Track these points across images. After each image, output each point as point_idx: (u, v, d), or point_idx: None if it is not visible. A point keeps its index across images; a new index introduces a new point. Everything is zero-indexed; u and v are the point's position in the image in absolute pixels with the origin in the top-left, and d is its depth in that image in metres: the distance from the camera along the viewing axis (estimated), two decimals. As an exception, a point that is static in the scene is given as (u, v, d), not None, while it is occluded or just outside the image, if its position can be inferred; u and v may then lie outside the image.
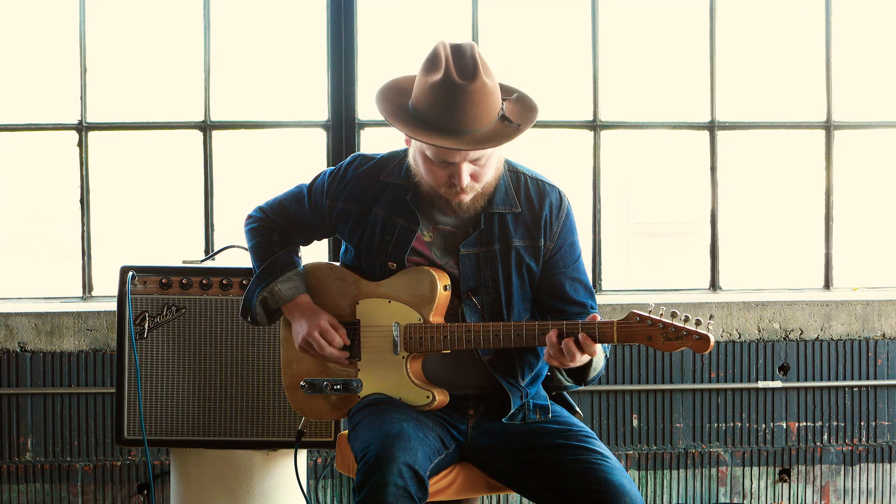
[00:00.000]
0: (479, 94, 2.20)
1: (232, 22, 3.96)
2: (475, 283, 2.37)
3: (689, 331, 2.11)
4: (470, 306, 2.37)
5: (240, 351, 3.00)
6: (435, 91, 2.21)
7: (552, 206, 2.40)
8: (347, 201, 2.46)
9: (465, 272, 2.37)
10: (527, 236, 2.38)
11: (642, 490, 3.72)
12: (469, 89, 2.19)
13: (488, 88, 2.22)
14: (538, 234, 2.38)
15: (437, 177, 2.29)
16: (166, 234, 10.86)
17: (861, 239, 6.95)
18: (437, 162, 2.27)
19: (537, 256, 2.39)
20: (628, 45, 4.38)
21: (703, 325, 2.12)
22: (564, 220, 2.42)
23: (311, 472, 3.62)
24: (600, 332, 2.17)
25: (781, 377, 3.76)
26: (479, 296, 2.37)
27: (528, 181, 2.42)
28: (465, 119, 2.20)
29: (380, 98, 2.32)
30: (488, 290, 2.37)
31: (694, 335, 2.11)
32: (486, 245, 2.37)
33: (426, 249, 2.40)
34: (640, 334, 2.15)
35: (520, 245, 2.38)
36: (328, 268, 2.55)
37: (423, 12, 4.11)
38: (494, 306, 2.38)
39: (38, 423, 3.59)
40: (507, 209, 2.38)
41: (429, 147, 2.24)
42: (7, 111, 4.00)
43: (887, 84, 4.20)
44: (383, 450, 2.13)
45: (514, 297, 2.38)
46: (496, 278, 2.37)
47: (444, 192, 2.30)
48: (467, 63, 2.21)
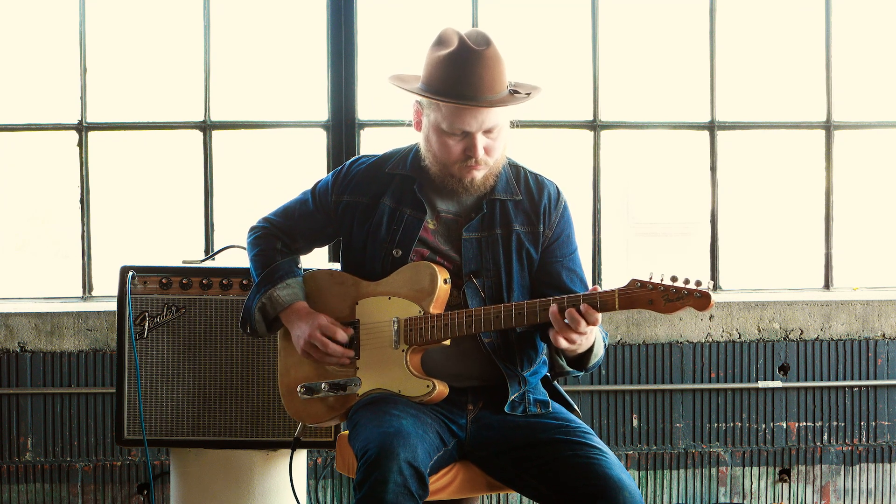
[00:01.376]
0: (494, 60, 2.30)
1: (232, 22, 3.96)
2: (477, 267, 2.41)
3: (689, 290, 2.13)
4: (471, 289, 2.39)
5: (240, 351, 3.00)
6: (451, 60, 2.30)
7: (550, 197, 2.47)
8: (353, 194, 2.50)
9: (467, 255, 2.40)
10: (527, 222, 2.44)
11: (642, 490, 3.72)
12: (485, 54, 2.29)
13: (501, 57, 2.33)
14: (537, 220, 2.44)
15: (452, 151, 2.34)
16: (166, 234, 10.86)
17: (861, 239, 6.95)
18: (453, 134, 2.33)
19: (536, 243, 2.44)
20: (628, 45, 4.38)
21: (703, 285, 2.13)
22: (562, 212, 2.48)
23: (310, 472, 3.63)
24: (602, 301, 2.20)
25: (781, 377, 3.76)
26: (481, 279, 2.40)
27: (528, 174, 2.50)
28: (481, 84, 2.28)
29: (393, 80, 2.41)
30: (490, 273, 2.41)
31: (695, 293, 2.12)
32: (488, 230, 2.42)
33: (431, 238, 2.44)
34: (642, 299, 2.17)
35: (520, 230, 2.43)
36: (328, 273, 2.56)
37: (422, 12, 4.11)
38: (495, 290, 2.40)
39: (38, 423, 3.59)
40: (509, 196, 2.44)
41: (444, 118, 2.31)
42: (7, 111, 4.00)
43: (887, 84, 4.21)
44: (383, 447, 2.14)
45: (515, 281, 2.41)
46: (497, 262, 2.41)
47: (457, 170, 2.36)
48: (480, 35, 2.33)
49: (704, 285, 2.13)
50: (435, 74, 2.32)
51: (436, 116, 2.34)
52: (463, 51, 2.29)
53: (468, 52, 2.28)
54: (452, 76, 2.28)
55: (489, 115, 2.30)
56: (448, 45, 2.31)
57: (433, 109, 2.34)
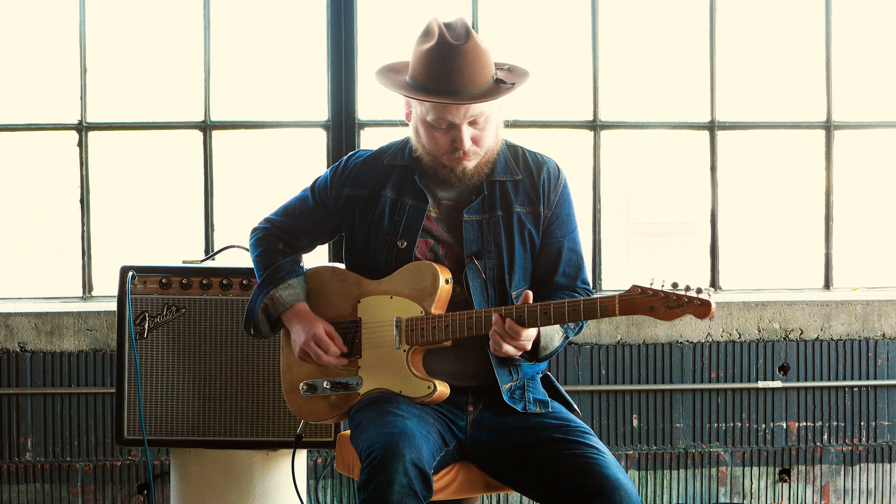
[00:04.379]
0: (473, 54, 2.31)
1: (232, 22, 3.96)
2: (478, 248, 2.41)
3: (689, 297, 2.12)
4: (473, 270, 2.39)
5: (240, 351, 3.00)
6: (430, 55, 2.31)
7: (549, 174, 2.49)
8: (353, 187, 2.51)
9: (468, 237, 2.41)
10: (527, 202, 2.45)
11: (642, 490, 3.72)
12: (463, 48, 2.30)
13: (481, 49, 2.33)
14: (537, 200, 2.45)
15: (440, 143, 2.36)
16: (166, 234, 10.86)
17: (861, 239, 6.95)
18: (438, 127, 2.34)
19: (537, 223, 2.45)
20: (628, 45, 4.38)
21: (704, 292, 2.12)
22: (562, 190, 2.49)
23: (311, 472, 3.62)
24: (602, 307, 2.19)
25: (781, 377, 3.76)
26: (483, 260, 2.41)
27: (526, 153, 2.51)
28: (461, 78, 2.29)
29: (379, 75, 2.43)
30: (491, 254, 2.41)
31: (695, 301, 2.11)
32: (488, 212, 2.43)
33: (434, 225, 2.44)
34: (642, 305, 2.16)
35: (521, 211, 2.44)
36: (330, 271, 2.56)
37: (422, 12, 4.11)
38: (497, 271, 2.41)
39: (38, 423, 3.59)
40: (508, 177, 2.45)
41: (429, 111, 2.32)
42: (7, 111, 4.00)
43: (887, 84, 4.20)
44: (388, 448, 2.13)
45: (517, 263, 2.42)
46: (499, 243, 2.41)
47: (447, 161, 2.37)
48: (459, 28, 2.33)
49: (705, 293, 2.12)
50: (418, 69, 2.34)
51: (422, 109, 2.36)
52: (442, 46, 2.30)
53: (447, 47, 2.30)
54: (433, 71, 2.30)
55: (473, 105, 2.31)
56: (430, 38, 2.33)
57: (418, 102, 2.36)
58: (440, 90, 2.29)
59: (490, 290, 2.40)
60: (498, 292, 2.41)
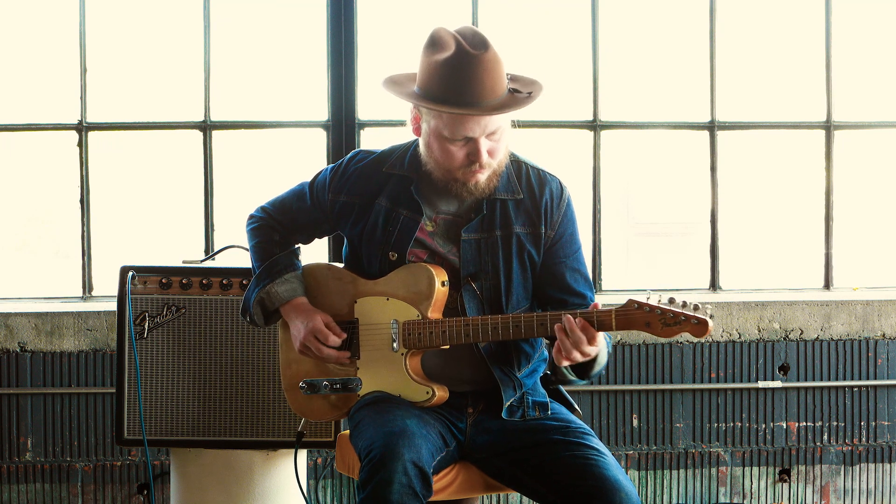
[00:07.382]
0: (494, 63, 2.23)
1: (232, 22, 3.96)
2: (475, 269, 2.37)
3: (686, 315, 2.09)
4: (469, 292, 2.37)
5: (240, 351, 3.00)
6: (448, 65, 2.23)
7: (552, 194, 2.42)
8: (350, 194, 2.47)
9: (466, 257, 2.37)
10: (528, 223, 2.39)
11: (642, 490, 3.72)
12: (484, 58, 2.22)
13: (499, 59, 2.26)
14: (539, 220, 2.39)
15: (455, 157, 2.28)
16: (166, 234, 10.84)
17: (861, 239, 6.94)
18: (455, 140, 2.27)
19: (538, 244, 2.40)
20: (628, 45, 4.38)
21: (701, 310, 2.10)
22: (565, 210, 2.43)
23: (311, 472, 3.62)
24: (599, 320, 2.17)
25: (781, 377, 3.76)
26: (479, 281, 2.37)
27: (530, 170, 2.44)
28: (481, 89, 2.22)
29: (388, 86, 2.35)
30: (488, 276, 2.37)
31: (692, 319, 2.09)
32: (487, 231, 2.38)
33: (429, 239, 2.40)
34: (639, 321, 2.14)
35: (521, 232, 2.39)
36: (327, 268, 2.55)
37: (422, 12, 4.11)
38: (493, 293, 2.37)
39: (38, 423, 3.59)
40: (510, 196, 2.39)
41: (446, 125, 2.25)
42: (7, 111, 4.00)
43: (887, 84, 4.20)
44: (388, 447, 2.13)
45: (514, 284, 2.38)
46: (496, 264, 2.37)
47: (461, 175, 2.30)
48: (477, 36, 2.26)
49: (702, 311, 2.09)
50: (433, 80, 2.25)
51: (436, 123, 2.27)
52: (461, 55, 2.22)
53: (467, 56, 2.22)
54: (452, 83, 2.22)
55: (492, 118, 2.25)
56: (444, 48, 2.25)
57: (433, 116, 2.28)
58: (460, 102, 2.22)
59: (487, 312, 2.37)
60: (494, 314, 2.37)
